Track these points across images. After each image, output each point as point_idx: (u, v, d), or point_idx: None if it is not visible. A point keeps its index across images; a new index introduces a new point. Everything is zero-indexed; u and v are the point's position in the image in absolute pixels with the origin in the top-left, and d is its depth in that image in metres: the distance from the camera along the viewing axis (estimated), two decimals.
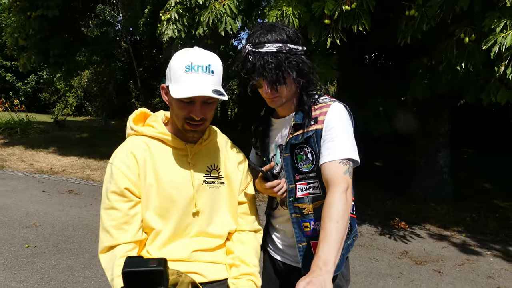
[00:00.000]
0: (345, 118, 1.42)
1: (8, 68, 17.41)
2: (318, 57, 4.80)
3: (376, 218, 5.59)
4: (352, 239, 1.56)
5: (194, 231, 1.39)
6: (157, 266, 0.71)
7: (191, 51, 1.30)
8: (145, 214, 1.33)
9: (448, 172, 6.57)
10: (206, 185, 1.41)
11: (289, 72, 1.36)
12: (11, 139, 10.73)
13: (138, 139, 1.39)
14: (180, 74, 1.26)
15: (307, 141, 1.43)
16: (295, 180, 1.48)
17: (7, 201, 5.53)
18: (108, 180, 1.32)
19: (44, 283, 3.31)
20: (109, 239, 1.29)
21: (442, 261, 4.17)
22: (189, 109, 1.29)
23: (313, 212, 1.47)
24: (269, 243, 1.70)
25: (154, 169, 1.34)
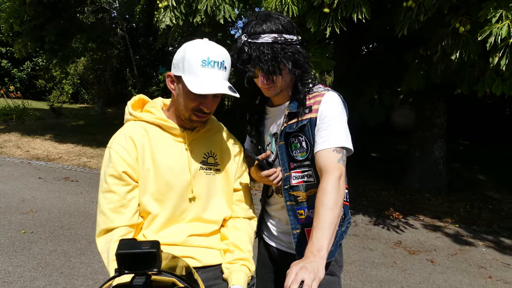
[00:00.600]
0: (339, 107, 1.44)
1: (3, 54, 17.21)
2: (314, 47, 4.79)
3: (370, 208, 5.64)
4: (345, 227, 1.58)
5: (190, 217, 1.41)
6: (150, 248, 0.72)
7: (206, 45, 1.32)
8: (142, 198, 1.35)
9: (443, 163, 6.62)
10: (203, 171, 1.43)
11: (285, 63, 1.37)
12: (7, 125, 10.68)
13: (137, 125, 1.40)
14: (196, 67, 1.29)
15: (302, 130, 1.45)
16: (290, 168, 1.50)
17: (3, 187, 5.53)
18: (107, 164, 1.33)
19: (40, 268, 3.34)
20: (106, 222, 1.30)
21: (435, 251, 4.23)
22: (200, 102, 1.32)
23: (307, 200, 1.49)
24: (264, 230, 1.73)
25: (152, 154, 1.35)
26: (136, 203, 1.34)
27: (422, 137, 6.66)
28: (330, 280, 1.55)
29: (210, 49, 1.31)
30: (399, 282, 3.50)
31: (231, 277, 1.35)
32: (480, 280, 3.61)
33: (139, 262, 0.73)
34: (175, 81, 1.37)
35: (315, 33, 4.41)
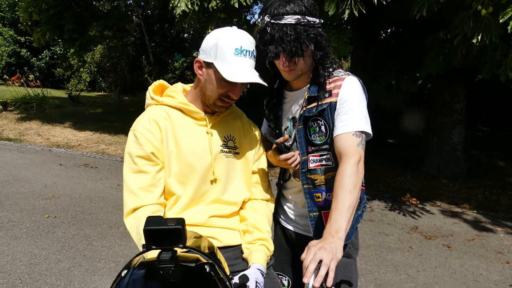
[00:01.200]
0: (359, 92, 1.44)
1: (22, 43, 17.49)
2: (331, 31, 4.74)
3: (387, 194, 5.62)
4: (361, 210, 1.60)
5: (210, 198, 1.45)
6: (176, 225, 0.75)
7: (239, 34, 1.35)
8: (167, 179, 1.39)
9: (462, 149, 6.53)
10: (223, 154, 1.46)
11: (308, 45, 1.37)
12: (27, 113, 10.92)
13: (159, 109, 1.43)
14: (229, 55, 1.32)
15: (321, 114, 1.45)
16: (308, 152, 1.52)
17: (26, 174, 5.70)
18: (133, 146, 1.36)
19: (64, 251, 3.46)
20: (135, 200, 1.33)
21: (452, 236, 4.21)
22: (229, 89, 1.37)
23: (325, 183, 1.51)
24: (281, 213, 1.75)
25: (174, 137, 1.39)
26: (163, 183, 1.39)
27: (441, 123, 6.56)
28: (347, 262, 1.58)
29: (243, 38, 1.35)
30: (414, 266, 3.51)
31: (251, 256, 1.39)
32: (498, 266, 3.59)
33: (165, 238, 0.76)
34: (204, 66, 1.39)
35: (333, 16, 4.35)
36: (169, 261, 0.76)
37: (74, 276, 3.06)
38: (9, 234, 3.73)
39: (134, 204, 1.34)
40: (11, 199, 4.65)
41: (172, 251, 0.77)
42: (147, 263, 0.81)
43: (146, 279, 0.78)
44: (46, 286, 2.90)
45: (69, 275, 3.07)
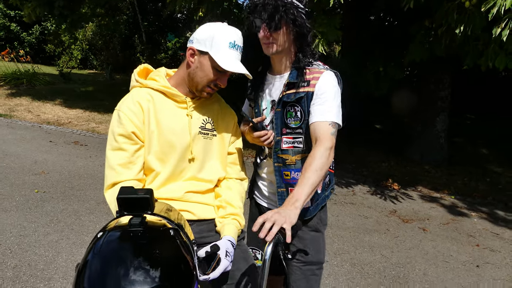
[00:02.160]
0: (336, 86, 1.58)
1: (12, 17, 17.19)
2: (321, 17, 4.81)
3: (370, 178, 5.79)
4: (329, 191, 1.77)
5: (188, 175, 1.57)
6: (144, 194, 0.87)
7: (232, 30, 1.51)
8: (147, 157, 1.51)
9: (445, 137, 6.70)
10: (201, 136, 1.58)
11: (284, 17, 1.49)
12: (17, 89, 10.86)
13: (143, 91, 1.54)
14: (224, 47, 1.47)
15: (298, 101, 1.59)
16: (282, 133, 1.65)
17: (16, 149, 5.76)
18: (116, 125, 1.47)
19: (53, 224, 3.57)
20: (115, 176, 1.45)
21: (428, 220, 4.40)
22: (218, 77, 1.51)
23: (295, 164, 1.65)
24: (256, 190, 1.89)
25: (156, 118, 1.50)
26: (142, 161, 1.50)
27: (425, 110, 6.71)
28: (315, 236, 1.74)
29: (235, 34, 1.51)
30: (389, 247, 3.68)
31: (223, 229, 1.52)
32: (468, 248, 3.78)
33: (136, 206, 0.88)
34: (196, 54, 1.51)
35: (320, 1, 4.42)
36: (139, 225, 0.88)
37: (62, 248, 3.18)
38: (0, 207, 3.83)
39: (113, 179, 1.45)
40: (1, 173, 4.73)
41: (141, 217, 0.89)
42: (120, 226, 0.92)
43: (119, 240, 0.89)
44: (35, 257, 3.02)
45: (57, 247, 3.19)
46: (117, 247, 0.88)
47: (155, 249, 0.88)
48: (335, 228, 4.00)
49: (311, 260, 1.70)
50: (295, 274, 1.72)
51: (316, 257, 1.72)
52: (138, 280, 0.81)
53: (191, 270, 0.92)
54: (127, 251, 0.87)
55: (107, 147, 1.49)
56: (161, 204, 1.11)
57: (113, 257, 0.85)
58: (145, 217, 0.91)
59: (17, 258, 2.98)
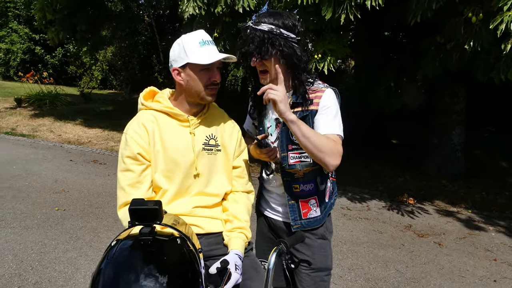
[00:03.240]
0: (337, 103, 1.70)
1: (37, 41, 17.94)
2: (330, 35, 4.90)
3: (385, 193, 5.76)
4: (334, 199, 1.88)
5: (194, 191, 1.65)
6: (154, 206, 0.95)
7: (195, 32, 1.60)
8: (154, 175, 1.59)
9: (462, 150, 6.64)
10: (205, 152, 1.66)
11: (269, 48, 1.60)
12: (41, 110, 11.26)
13: (148, 113, 1.64)
14: (196, 48, 1.56)
15: (304, 119, 1.67)
16: (288, 149, 1.73)
17: (38, 168, 5.97)
18: (124, 147, 1.58)
19: (72, 241, 3.69)
20: (125, 196, 1.55)
21: (444, 234, 4.35)
22: (209, 75, 1.58)
23: (303, 177, 1.73)
24: (264, 204, 1.96)
25: (161, 138, 1.59)
26: (149, 179, 1.59)
27: (440, 124, 6.68)
28: (323, 243, 1.81)
29: (200, 33, 1.60)
30: (404, 262, 3.66)
31: (230, 243, 1.59)
32: (485, 262, 3.73)
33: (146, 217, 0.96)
34: (181, 72, 1.60)
35: (331, 20, 4.52)
36: (148, 234, 0.96)
37: (80, 265, 3.28)
38: (22, 224, 3.97)
39: (124, 199, 1.56)
40: (24, 192, 4.91)
41: (151, 227, 0.97)
42: (131, 236, 1.01)
43: (130, 248, 0.98)
44: (55, 273, 3.12)
45: (76, 263, 3.30)
46: (129, 255, 0.96)
47: (164, 256, 0.96)
48: (349, 244, 4.00)
49: (320, 266, 1.77)
50: (305, 281, 1.78)
51: (325, 263, 1.79)
52: (147, 286, 0.89)
53: (196, 276, 0.99)
54: (137, 258, 0.95)
55: (118, 169, 1.59)
56: (170, 215, 1.20)
57: (125, 265, 0.93)
58: (154, 227, 0.99)
59: (38, 274, 3.09)
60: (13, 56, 17.81)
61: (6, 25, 18.31)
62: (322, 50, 4.76)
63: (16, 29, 17.99)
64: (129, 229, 1.05)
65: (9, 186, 5.08)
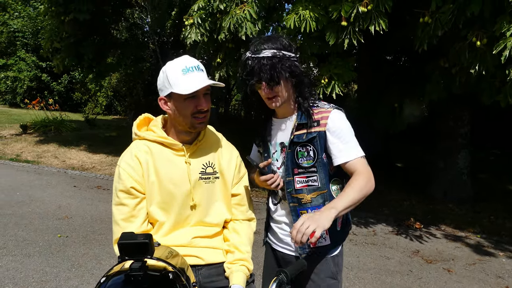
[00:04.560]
0: (347, 122, 1.66)
1: (43, 68, 18.23)
2: (335, 59, 4.94)
3: (391, 217, 5.67)
4: (348, 228, 1.80)
5: (193, 221, 1.61)
6: (143, 239, 0.92)
7: (179, 59, 1.55)
8: (150, 208, 1.55)
9: (468, 173, 6.56)
10: (202, 181, 1.61)
11: (282, 72, 1.58)
12: (46, 136, 11.33)
13: (141, 143, 1.60)
14: (179, 76, 1.50)
15: (311, 141, 1.64)
16: (294, 173, 1.68)
17: (42, 195, 5.94)
18: (117, 181, 1.55)
19: (74, 269, 3.62)
20: (119, 230, 1.51)
21: (453, 260, 4.24)
22: (195, 103, 1.51)
23: (311, 202, 1.67)
24: (270, 235, 1.89)
25: (155, 169, 1.55)
26: (144, 212, 1.55)
27: (445, 147, 6.63)
28: (331, 284, 1.71)
29: (184, 60, 1.54)
30: None
31: (232, 276, 1.54)
32: None
33: (136, 251, 0.93)
34: (167, 101, 1.56)
35: (335, 45, 4.57)
36: (139, 269, 0.92)
37: None
38: (23, 252, 3.92)
39: (118, 234, 1.49)
40: (26, 218, 4.88)
41: (141, 261, 0.94)
42: (122, 271, 0.97)
43: (120, 284, 0.93)
44: None
45: None
46: None
47: None
48: (355, 270, 3.91)
49: None
50: None
51: None
52: None
53: None
54: None
55: (112, 202, 1.56)
56: (163, 248, 1.16)
57: None
58: (145, 261, 0.95)
59: None
60: (20, 84, 18.07)
61: (15, 53, 18.68)
62: (329, 74, 4.79)
63: (24, 57, 18.32)
64: (119, 264, 1.00)
65: (12, 213, 5.05)
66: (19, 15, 19.18)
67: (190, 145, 1.62)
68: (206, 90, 1.53)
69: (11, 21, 18.87)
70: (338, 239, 1.72)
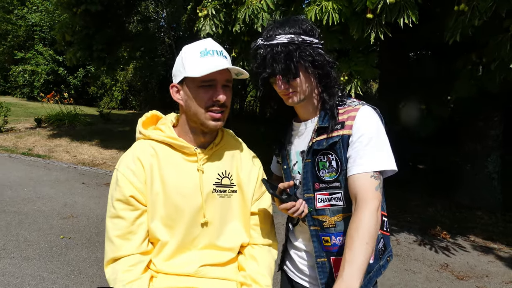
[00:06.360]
0: (377, 123, 1.28)
1: (60, 62, 18.23)
2: (356, 55, 4.58)
3: (415, 225, 5.28)
4: (385, 260, 1.40)
5: (202, 243, 1.30)
6: None
7: (201, 41, 1.27)
8: (151, 224, 1.25)
9: (498, 178, 6.11)
10: (216, 194, 1.31)
11: (301, 62, 1.25)
12: (59, 130, 11.23)
13: (146, 144, 1.31)
14: (196, 60, 1.22)
15: (332, 148, 1.30)
16: (315, 189, 1.35)
17: (49, 191, 5.75)
18: (114, 188, 1.25)
19: (73, 275, 3.37)
20: (113, 250, 1.23)
21: (487, 277, 3.85)
22: (211, 93, 1.23)
23: (335, 226, 1.33)
24: (288, 262, 1.56)
25: (161, 176, 1.25)
26: (145, 229, 1.26)
27: (473, 150, 6.18)
28: None
29: (205, 42, 1.26)
30: None
31: None
32: None
33: None
34: (180, 89, 1.28)
35: (358, 40, 4.22)
36: None
37: None
38: (23, 254, 3.70)
39: (112, 254, 1.22)
40: (30, 217, 4.67)
41: None
42: None
43: None
44: None
45: None
46: None
47: None
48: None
49: None
50: None
51: None
52: None
53: None
54: None
55: (107, 214, 1.27)
56: None
57: None
58: None
59: None
60: (37, 77, 18.13)
61: (32, 47, 18.75)
62: (348, 71, 4.43)
63: (41, 51, 18.38)
64: None
65: (16, 210, 4.86)
66: (37, 9, 19.25)
67: (205, 149, 1.32)
68: (226, 81, 1.25)
69: (29, 15, 18.96)
70: (373, 273, 1.34)
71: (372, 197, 1.18)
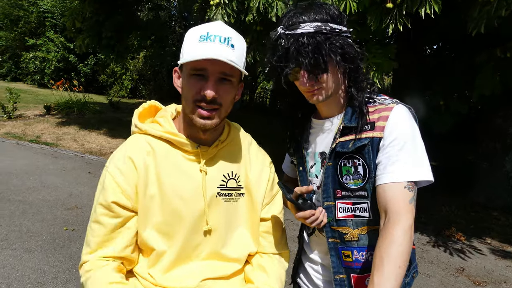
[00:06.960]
0: (413, 126, 1.11)
1: (71, 49, 18.19)
2: (374, 47, 4.37)
3: (429, 226, 5.10)
4: (411, 277, 1.28)
5: (205, 253, 1.16)
6: None
7: (207, 24, 1.08)
8: (144, 232, 1.11)
9: None
10: (221, 198, 1.16)
11: (331, 56, 1.07)
12: (68, 118, 11.18)
13: (141, 139, 1.16)
14: (193, 44, 1.05)
15: (360, 151, 1.14)
16: (336, 197, 1.19)
17: (55, 181, 5.67)
18: (99, 189, 1.12)
19: (74, 270, 3.27)
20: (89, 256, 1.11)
21: (505, 283, 3.67)
22: (200, 85, 1.05)
23: (358, 239, 1.18)
24: (302, 275, 1.41)
25: (157, 177, 1.10)
26: (129, 235, 1.11)
27: (491, 148, 5.97)
28: None
29: (210, 26, 1.07)
30: None
31: None
32: None
33: None
34: (180, 76, 1.14)
35: (376, 31, 4.02)
36: None
37: None
38: (24, 246, 3.61)
39: (86, 257, 1.11)
40: (35, 207, 4.58)
41: None
42: None
43: None
44: None
45: None
46: None
47: None
48: None
49: None
50: None
51: None
52: None
53: None
54: None
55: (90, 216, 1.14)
56: None
57: None
58: None
59: None
60: (48, 64, 18.12)
61: (44, 34, 18.72)
62: (366, 64, 4.23)
63: (52, 38, 18.34)
64: None
65: (21, 199, 4.78)
66: None
67: (209, 147, 1.15)
68: (221, 73, 1.05)
69: (41, 1, 18.90)
70: None
71: (405, 211, 1.03)
